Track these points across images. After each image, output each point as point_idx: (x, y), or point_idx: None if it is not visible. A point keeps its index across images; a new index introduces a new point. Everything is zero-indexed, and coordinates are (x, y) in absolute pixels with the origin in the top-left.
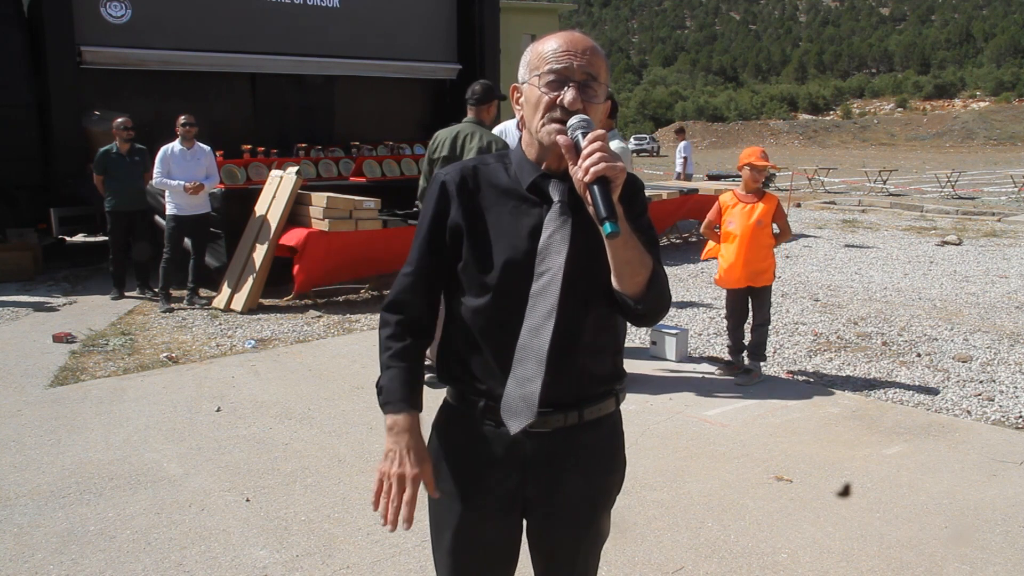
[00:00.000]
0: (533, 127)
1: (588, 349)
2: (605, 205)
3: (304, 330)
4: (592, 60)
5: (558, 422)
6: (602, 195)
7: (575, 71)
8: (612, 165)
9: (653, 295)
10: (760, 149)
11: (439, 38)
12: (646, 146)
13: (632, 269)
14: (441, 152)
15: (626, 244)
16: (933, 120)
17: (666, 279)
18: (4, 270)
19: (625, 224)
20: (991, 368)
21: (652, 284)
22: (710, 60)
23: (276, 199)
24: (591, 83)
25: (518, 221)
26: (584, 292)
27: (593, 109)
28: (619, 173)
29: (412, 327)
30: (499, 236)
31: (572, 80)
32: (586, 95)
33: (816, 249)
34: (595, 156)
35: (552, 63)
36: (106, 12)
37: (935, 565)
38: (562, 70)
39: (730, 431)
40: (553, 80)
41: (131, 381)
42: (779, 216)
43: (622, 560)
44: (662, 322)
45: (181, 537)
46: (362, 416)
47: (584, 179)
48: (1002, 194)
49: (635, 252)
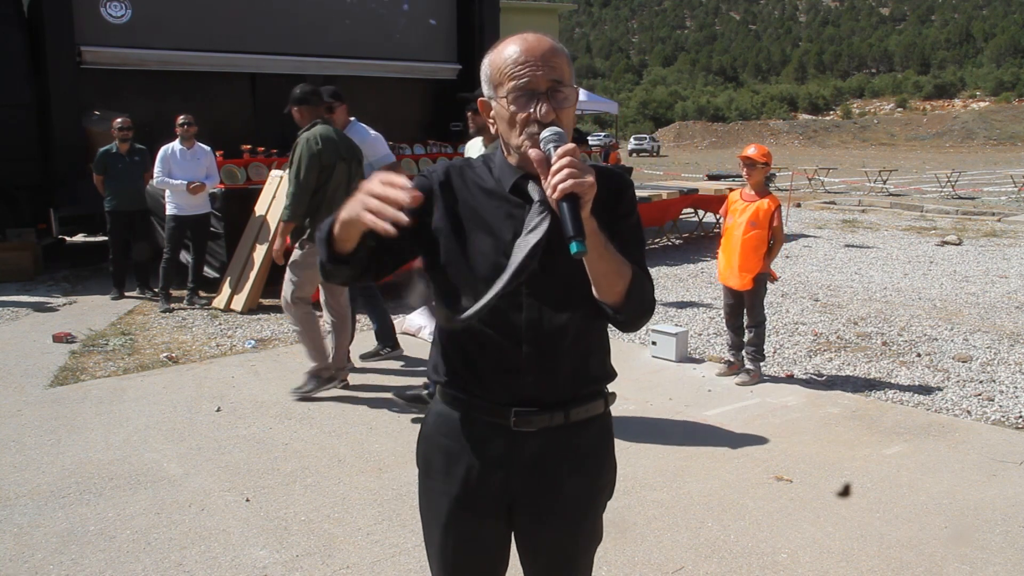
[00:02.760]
0: (513, 144)
1: (573, 349)
2: (573, 224)
3: None
4: (553, 63)
5: (543, 422)
6: (571, 213)
7: (539, 81)
8: (580, 181)
9: (632, 303)
10: (754, 144)
11: (439, 38)
12: (646, 146)
13: (609, 280)
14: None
15: (601, 257)
16: (933, 120)
17: (649, 284)
18: (4, 270)
19: (599, 237)
20: (991, 368)
21: (631, 293)
22: (710, 60)
23: (276, 199)
24: (559, 88)
25: (501, 222)
26: (566, 292)
27: (565, 113)
28: (587, 189)
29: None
30: (483, 236)
31: (538, 92)
32: (556, 101)
33: (816, 249)
34: (563, 173)
35: (515, 80)
36: (106, 12)
37: (935, 565)
38: (526, 85)
39: (730, 431)
40: (519, 96)
41: (131, 381)
42: (774, 220)
43: (622, 560)
44: (662, 322)
45: (181, 537)
46: (362, 416)
47: (553, 196)
48: (1002, 194)
49: (611, 264)
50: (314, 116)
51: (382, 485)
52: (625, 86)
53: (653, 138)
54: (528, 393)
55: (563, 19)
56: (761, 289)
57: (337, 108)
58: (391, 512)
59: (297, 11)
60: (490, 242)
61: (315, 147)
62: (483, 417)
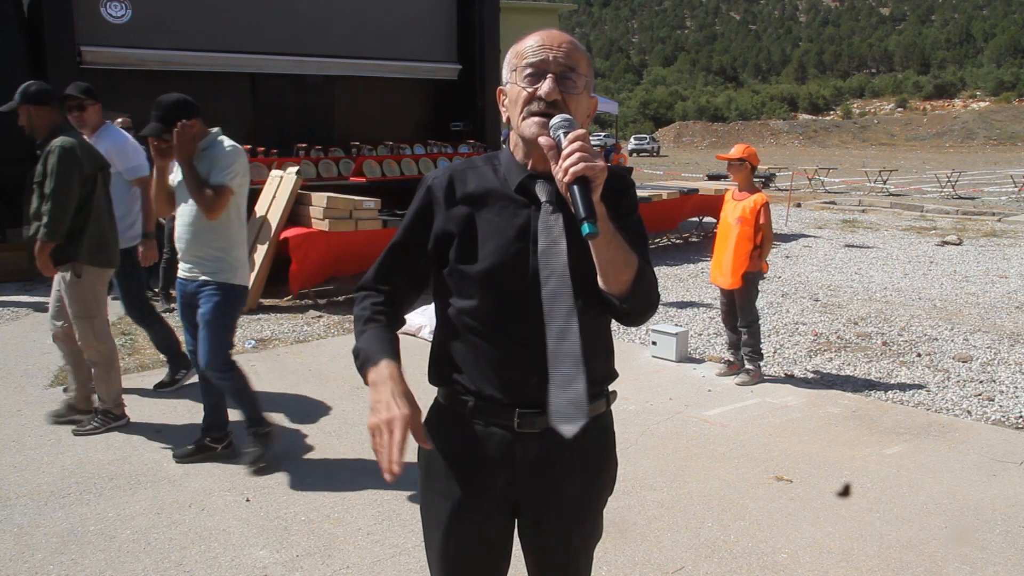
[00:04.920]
0: (516, 124)
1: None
2: (584, 206)
3: (304, 330)
4: (570, 53)
5: (547, 424)
6: (582, 196)
7: (551, 63)
8: (591, 165)
9: (638, 294)
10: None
11: (439, 38)
12: (646, 146)
13: (616, 268)
14: None
15: (609, 244)
16: (933, 120)
17: (654, 278)
18: (4, 270)
19: (608, 224)
20: (991, 368)
21: (637, 283)
22: (710, 60)
23: (276, 199)
24: (569, 74)
25: (506, 222)
26: (577, 292)
27: (574, 101)
28: (599, 173)
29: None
30: (487, 238)
31: (549, 71)
32: (564, 86)
33: (816, 249)
34: (574, 156)
35: (529, 58)
36: (106, 12)
37: (935, 565)
38: (539, 63)
39: (730, 431)
40: (531, 74)
41: (131, 381)
42: (761, 217)
43: (622, 560)
44: (662, 322)
45: (181, 537)
46: (362, 416)
47: (564, 179)
48: (1002, 194)
49: (619, 251)
50: (53, 119)
51: (382, 485)
52: (625, 86)
53: (653, 138)
54: (532, 395)
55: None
56: (751, 288)
57: (89, 107)
58: (391, 512)
59: (297, 11)
60: (493, 243)
61: (72, 157)
62: (486, 418)
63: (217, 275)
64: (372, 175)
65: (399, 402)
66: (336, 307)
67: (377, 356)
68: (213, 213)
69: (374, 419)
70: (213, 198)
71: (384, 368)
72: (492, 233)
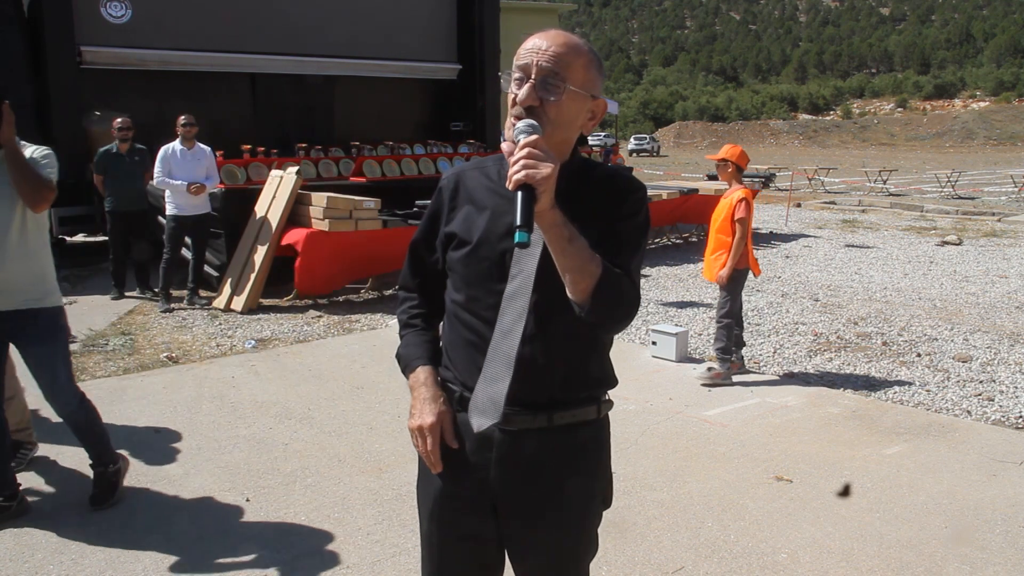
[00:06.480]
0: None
1: (562, 353)
2: (522, 214)
3: (304, 330)
4: (559, 56)
5: (524, 423)
6: (522, 203)
7: (533, 67)
8: (533, 173)
9: (602, 302)
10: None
11: (439, 38)
12: (646, 146)
13: (572, 277)
14: None
15: (563, 252)
16: (933, 120)
17: (630, 288)
18: None
19: (561, 231)
20: (991, 368)
21: (599, 292)
22: (710, 60)
23: (276, 199)
24: (551, 79)
25: (497, 220)
26: (557, 295)
27: (553, 107)
28: (541, 180)
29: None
30: (478, 235)
31: (531, 76)
32: (543, 90)
33: (816, 249)
34: (518, 164)
35: (518, 61)
36: (106, 12)
37: (935, 565)
38: (523, 67)
39: (730, 431)
40: (518, 78)
41: (131, 381)
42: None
43: (622, 560)
44: (662, 322)
45: (181, 537)
46: (362, 416)
47: (508, 186)
48: (1002, 194)
49: (573, 260)
50: None
51: (382, 485)
52: (625, 86)
53: (653, 138)
54: (512, 392)
55: (563, 19)
56: (732, 285)
57: None
58: (391, 512)
59: (297, 11)
60: (491, 239)
61: None
62: (467, 410)
63: (44, 300)
64: (372, 175)
65: (428, 408)
66: (336, 307)
67: (414, 362)
68: (43, 204)
69: (410, 423)
70: (43, 185)
71: (419, 374)
72: (484, 231)
